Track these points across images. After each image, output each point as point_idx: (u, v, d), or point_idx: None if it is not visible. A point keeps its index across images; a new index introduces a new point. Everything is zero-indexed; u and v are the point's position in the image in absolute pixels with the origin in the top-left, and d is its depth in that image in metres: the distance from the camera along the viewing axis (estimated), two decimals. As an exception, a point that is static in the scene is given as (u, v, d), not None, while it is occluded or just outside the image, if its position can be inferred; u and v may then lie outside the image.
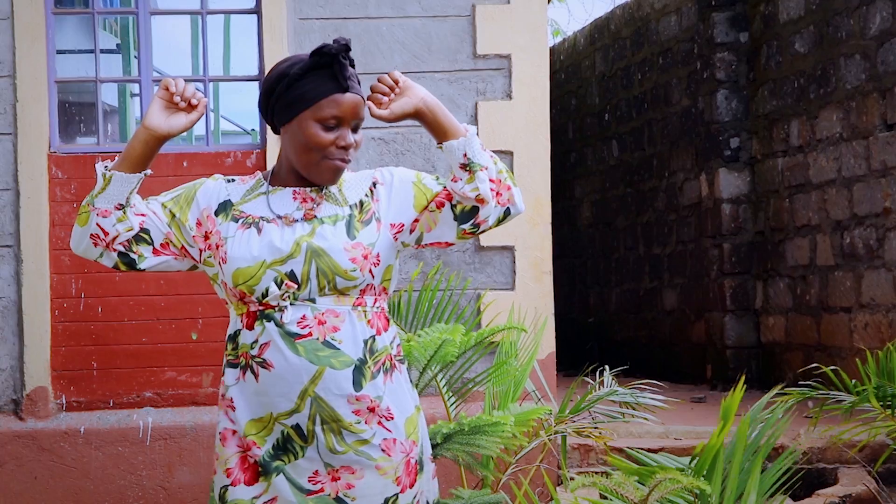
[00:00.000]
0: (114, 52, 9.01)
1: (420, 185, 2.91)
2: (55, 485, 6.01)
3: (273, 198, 2.88)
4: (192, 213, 2.90)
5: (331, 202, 2.88)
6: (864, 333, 7.99)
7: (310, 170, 2.85)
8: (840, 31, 8.28)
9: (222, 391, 2.87)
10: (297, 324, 2.78)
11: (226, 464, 2.84)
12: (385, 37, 6.23)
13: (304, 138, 2.82)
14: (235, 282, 2.80)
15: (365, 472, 2.79)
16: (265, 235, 2.83)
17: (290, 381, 2.78)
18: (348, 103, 2.83)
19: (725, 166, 9.45)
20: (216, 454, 2.87)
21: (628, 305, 11.64)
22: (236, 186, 2.92)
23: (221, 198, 2.90)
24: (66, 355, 6.10)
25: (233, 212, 2.88)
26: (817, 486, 6.10)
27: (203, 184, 2.94)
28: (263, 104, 2.90)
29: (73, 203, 6.11)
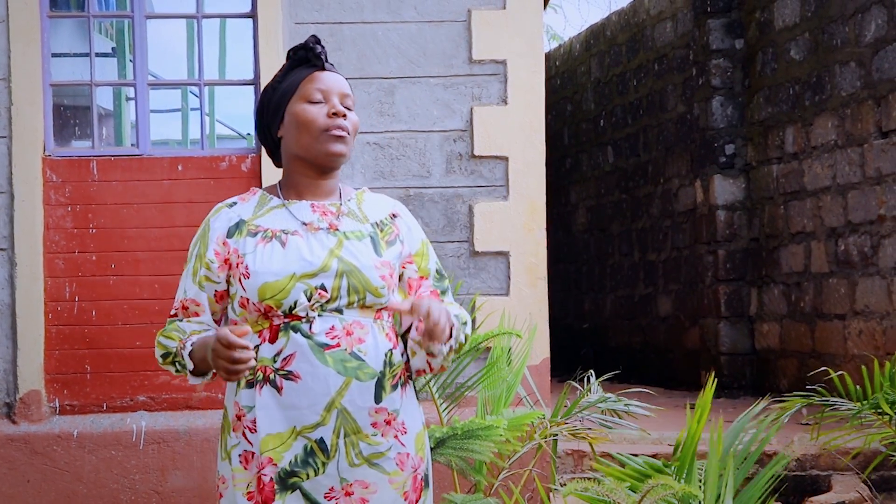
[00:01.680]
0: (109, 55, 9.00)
1: (424, 250, 2.96)
2: (48, 488, 6.00)
3: (293, 209, 2.86)
4: (210, 253, 2.84)
5: (351, 218, 2.89)
6: (858, 340, 8.00)
7: (315, 150, 2.83)
8: (835, 39, 8.29)
9: (236, 412, 2.78)
10: (327, 334, 2.75)
11: (247, 487, 2.75)
12: (381, 41, 6.23)
13: (297, 121, 2.84)
14: (262, 296, 2.74)
15: (378, 487, 2.78)
16: (291, 248, 2.79)
17: (317, 393, 2.73)
18: (327, 77, 2.87)
19: (720, 173, 9.46)
20: (224, 476, 2.80)
21: (623, 311, 11.64)
22: (241, 206, 2.89)
23: (232, 221, 2.86)
24: (59, 359, 6.09)
25: (248, 228, 2.84)
26: (811, 493, 6.10)
27: (209, 224, 2.88)
28: (259, 123, 2.93)
29: (67, 206, 6.11)
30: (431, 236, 6.24)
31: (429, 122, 6.26)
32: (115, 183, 6.16)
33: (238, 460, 2.76)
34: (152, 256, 6.15)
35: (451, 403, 4.90)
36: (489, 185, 6.28)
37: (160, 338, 2.85)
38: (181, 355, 2.78)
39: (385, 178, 6.24)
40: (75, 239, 6.12)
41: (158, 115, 9.11)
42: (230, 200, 2.90)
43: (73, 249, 6.12)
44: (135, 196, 6.16)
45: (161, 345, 2.85)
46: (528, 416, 4.47)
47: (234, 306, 2.81)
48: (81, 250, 6.12)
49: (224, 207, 2.89)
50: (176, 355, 2.81)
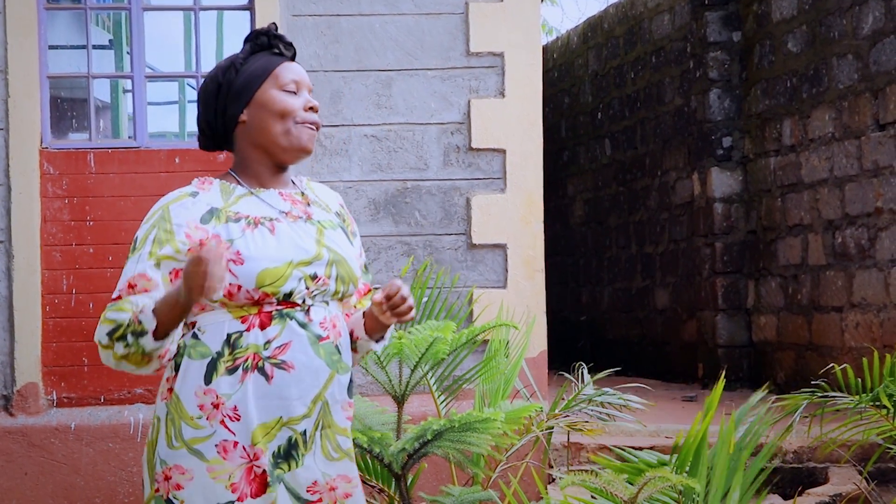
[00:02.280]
0: (106, 47, 8.98)
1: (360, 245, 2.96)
2: (45, 481, 6.00)
3: (263, 197, 2.79)
4: (177, 236, 2.72)
5: (319, 207, 2.86)
6: (855, 333, 8.00)
7: (286, 139, 2.77)
8: (833, 31, 8.29)
9: (211, 401, 2.66)
10: (321, 325, 2.72)
11: (230, 478, 2.64)
12: (378, 34, 6.23)
13: (273, 108, 2.77)
14: (261, 283, 2.66)
15: (357, 482, 2.78)
16: (282, 235, 2.73)
17: (308, 384, 2.68)
18: (299, 69, 2.84)
19: (718, 165, 9.46)
20: (185, 467, 2.65)
21: (620, 304, 11.65)
22: (205, 194, 2.77)
23: (202, 209, 2.75)
24: (56, 351, 6.09)
25: (225, 214, 2.74)
26: (808, 486, 6.11)
27: (168, 210, 2.75)
28: (212, 104, 2.80)
29: (64, 199, 6.10)
30: (429, 229, 6.25)
31: (426, 114, 6.25)
32: (112, 175, 6.15)
33: (215, 451, 2.65)
34: (149, 249, 6.14)
35: (448, 396, 4.91)
36: (486, 177, 6.28)
37: (107, 313, 2.67)
38: (136, 320, 2.62)
39: (382, 171, 6.24)
40: (72, 231, 6.11)
41: (156, 107, 9.10)
42: (188, 189, 2.78)
43: (70, 242, 6.11)
44: (132, 188, 6.16)
45: (109, 320, 2.66)
46: (526, 408, 4.47)
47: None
48: (78, 243, 6.12)
49: (185, 196, 2.76)
50: (129, 325, 2.62)
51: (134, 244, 2.74)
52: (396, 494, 4.37)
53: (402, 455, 4.16)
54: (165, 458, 2.66)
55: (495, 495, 4.38)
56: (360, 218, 6.20)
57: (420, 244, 6.23)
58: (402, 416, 4.36)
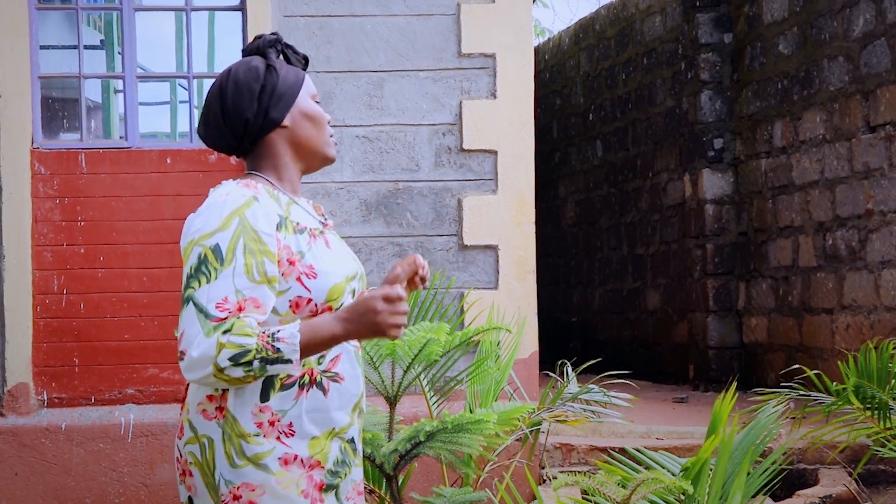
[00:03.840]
0: (97, 48, 8.96)
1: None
2: (36, 481, 5.98)
3: (303, 205, 2.74)
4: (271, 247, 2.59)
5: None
6: (845, 334, 8.02)
7: (322, 150, 2.76)
8: (823, 33, 8.30)
9: (268, 418, 2.61)
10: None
11: (298, 486, 2.61)
12: (370, 34, 6.22)
13: (315, 116, 2.75)
14: (329, 297, 2.62)
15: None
16: (335, 248, 2.71)
17: (352, 394, 2.69)
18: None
19: (709, 167, 9.47)
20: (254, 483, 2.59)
21: (611, 305, 11.65)
22: (265, 199, 2.65)
23: (271, 214, 2.62)
24: (47, 351, 6.08)
25: (289, 223, 2.65)
26: (798, 487, 6.12)
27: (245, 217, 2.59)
28: (254, 105, 2.70)
29: (55, 199, 6.09)
30: (420, 230, 6.25)
31: (418, 115, 6.25)
32: (103, 175, 6.14)
33: (278, 464, 2.61)
34: (141, 249, 6.14)
35: (440, 397, 4.91)
36: (478, 178, 6.28)
37: (231, 337, 2.49)
38: (269, 347, 2.49)
39: (374, 172, 6.23)
40: (64, 231, 6.10)
41: (147, 107, 9.08)
42: (246, 192, 2.62)
43: (61, 242, 6.10)
44: (123, 189, 6.15)
45: (234, 344, 2.49)
46: (518, 409, 4.48)
47: (278, 307, 2.62)
48: (70, 243, 6.11)
49: (252, 201, 2.60)
50: (259, 351, 2.49)
51: (217, 254, 2.55)
52: (387, 495, 4.37)
53: (394, 456, 4.16)
54: (231, 478, 2.61)
55: (488, 496, 4.38)
56: (351, 219, 6.20)
57: (412, 245, 6.23)
58: (394, 417, 4.35)
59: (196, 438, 2.64)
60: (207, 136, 2.76)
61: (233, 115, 2.70)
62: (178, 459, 2.69)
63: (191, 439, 2.65)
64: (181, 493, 2.70)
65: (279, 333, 2.51)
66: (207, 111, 2.74)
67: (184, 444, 2.66)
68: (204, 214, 2.60)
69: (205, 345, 2.49)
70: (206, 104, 2.76)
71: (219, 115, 2.71)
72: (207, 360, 2.49)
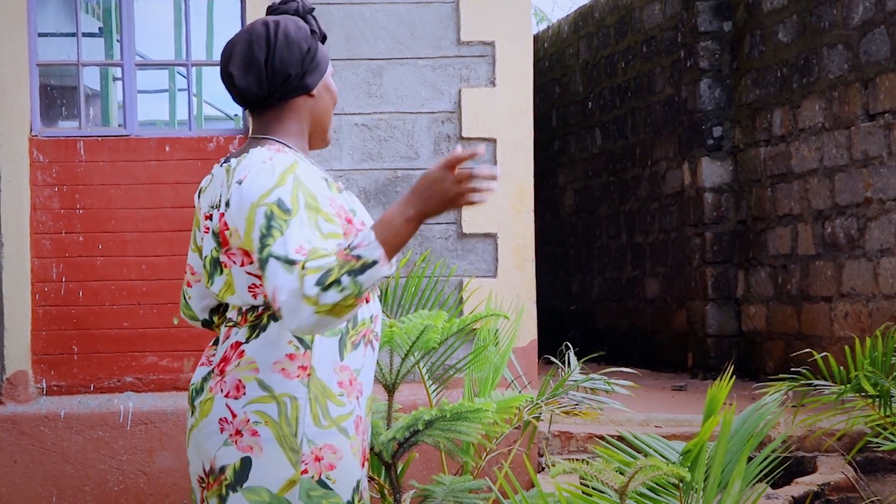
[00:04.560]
0: (96, 35, 8.95)
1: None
2: (35, 469, 5.99)
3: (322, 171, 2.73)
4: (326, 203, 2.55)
5: None
6: (844, 323, 8.03)
7: (329, 130, 2.77)
8: (823, 21, 8.29)
9: (348, 377, 2.59)
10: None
11: (358, 454, 2.61)
12: (369, 22, 6.22)
13: (333, 94, 2.75)
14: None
15: None
16: (360, 210, 2.72)
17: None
18: None
19: (708, 155, 9.47)
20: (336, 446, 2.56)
21: (610, 293, 11.66)
22: (304, 161, 2.63)
23: (316, 176, 2.61)
24: (46, 339, 6.08)
25: (332, 184, 2.66)
26: (796, 475, 6.13)
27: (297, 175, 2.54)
28: (298, 64, 2.64)
29: (54, 187, 6.09)
30: (419, 218, 6.25)
31: (417, 103, 6.25)
32: (102, 163, 6.14)
33: (353, 427, 2.60)
34: (139, 237, 6.14)
35: (439, 385, 4.91)
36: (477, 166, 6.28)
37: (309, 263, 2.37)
38: (351, 258, 2.38)
39: (373, 160, 6.23)
40: (62, 219, 6.10)
41: (146, 95, 9.07)
42: (290, 155, 2.59)
43: (60, 230, 6.10)
44: (122, 177, 6.15)
45: (314, 268, 2.37)
46: (517, 398, 4.48)
47: None
48: (68, 231, 6.11)
49: (296, 163, 2.56)
50: (342, 266, 2.37)
51: (283, 207, 2.47)
52: (386, 483, 4.37)
53: (393, 444, 4.17)
54: (314, 437, 2.55)
55: (488, 484, 4.39)
56: (350, 207, 6.20)
57: (410, 233, 6.22)
58: (392, 405, 4.36)
59: (272, 397, 2.55)
60: (241, 80, 2.64)
61: (277, 67, 2.63)
62: (224, 420, 2.56)
63: (262, 398, 2.55)
64: (222, 455, 2.57)
65: (353, 241, 2.41)
66: (249, 55, 2.63)
67: (244, 403, 2.56)
68: (254, 178, 2.53)
69: (289, 283, 2.38)
70: (245, 49, 2.64)
71: (262, 62, 2.63)
72: (296, 296, 2.37)
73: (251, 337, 2.60)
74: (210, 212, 2.68)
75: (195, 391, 2.67)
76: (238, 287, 2.61)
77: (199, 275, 2.81)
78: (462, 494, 4.29)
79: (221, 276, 2.65)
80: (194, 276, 2.83)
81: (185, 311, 2.90)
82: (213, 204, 2.67)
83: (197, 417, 2.64)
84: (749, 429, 3.40)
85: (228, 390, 2.58)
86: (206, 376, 2.66)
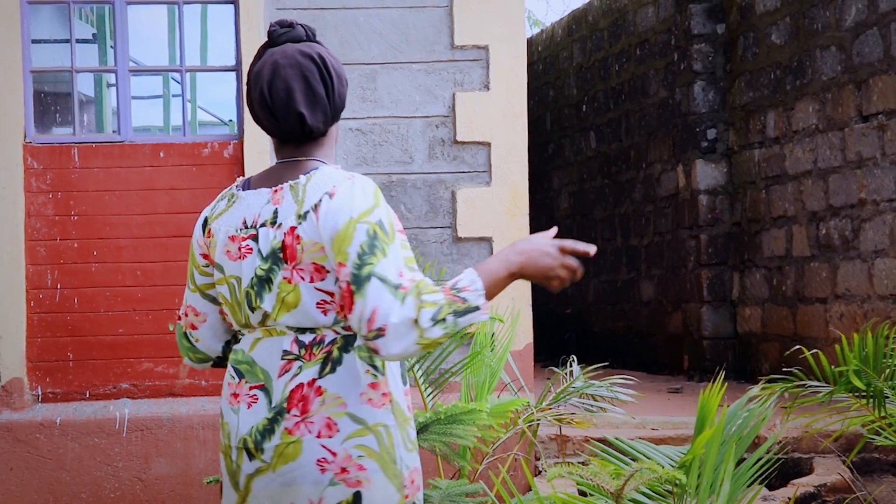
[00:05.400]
0: (90, 41, 8.96)
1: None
2: (31, 476, 5.98)
3: None
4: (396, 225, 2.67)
5: None
6: (839, 324, 8.03)
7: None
8: (816, 23, 8.31)
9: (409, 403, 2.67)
10: None
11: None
12: (362, 27, 6.22)
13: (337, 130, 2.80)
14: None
15: None
16: None
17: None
18: None
19: (702, 157, 9.48)
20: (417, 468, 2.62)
21: (606, 296, 11.66)
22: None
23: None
24: (42, 346, 6.08)
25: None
26: (793, 476, 6.14)
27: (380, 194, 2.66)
28: (337, 94, 2.69)
29: (48, 193, 6.09)
30: (414, 222, 6.25)
31: (411, 107, 6.25)
32: (96, 170, 6.14)
33: (417, 452, 2.67)
34: (134, 244, 6.13)
35: (435, 389, 4.91)
36: (472, 170, 6.28)
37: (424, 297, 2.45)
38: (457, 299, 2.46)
39: (367, 165, 6.23)
40: (57, 226, 6.10)
41: (140, 101, 9.08)
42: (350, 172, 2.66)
43: (54, 237, 6.10)
44: (116, 183, 6.14)
45: (430, 302, 2.44)
46: (513, 402, 4.48)
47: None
48: (63, 237, 6.10)
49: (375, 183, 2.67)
50: (449, 305, 2.45)
51: (383, 229, 2.52)
52: (383, 488, 4.37)
53: (389, 448, 4.16)
54: (408, 462, 2.60)
55: (484, 488, 4.39)
56: (345, 211, 6.20)
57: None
58: (388, 410, 4.35)
59: (369, 429, 2.54)
60: (312, 119, 2.65)
61: (337, 102, 2.69)
62: (323, 461, 2.52)
63: (359, 431, 2.54)
64: (331, 495, 2.52)
65: (459, 283, 2.48)
66: (310, 93, 2.64)
67: (342, 440, 2.53)
68: (348, 193, 2.55)
69: (404, 310, 2.42)
70: (304, 87, 2.64)
71: (324, 98, 2.65)
72: (409, 324, 2.42)
73: (326, 372, 2.56)
74: (249, 232, 2.62)
75: (258, 434, 2.57)
76: (305, 304, 2.56)
77: (205, 314, 2.73)
78: (458, 498, 4.29)
79: (271, 293, 2.58)
80: (199, 317, 2.75)
81: (190, 355, 2.82)
82: (261, 222, 2.61)
83: (272, 462, 2.55)
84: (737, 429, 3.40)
85: (319, 430, 2.53)
86: (274, 418, 2.56)
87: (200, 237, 2.71)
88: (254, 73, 2.67)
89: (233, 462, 2.60)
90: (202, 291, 2.73)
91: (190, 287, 2.74)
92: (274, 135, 2.69)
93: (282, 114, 2.63)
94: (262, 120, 2.68)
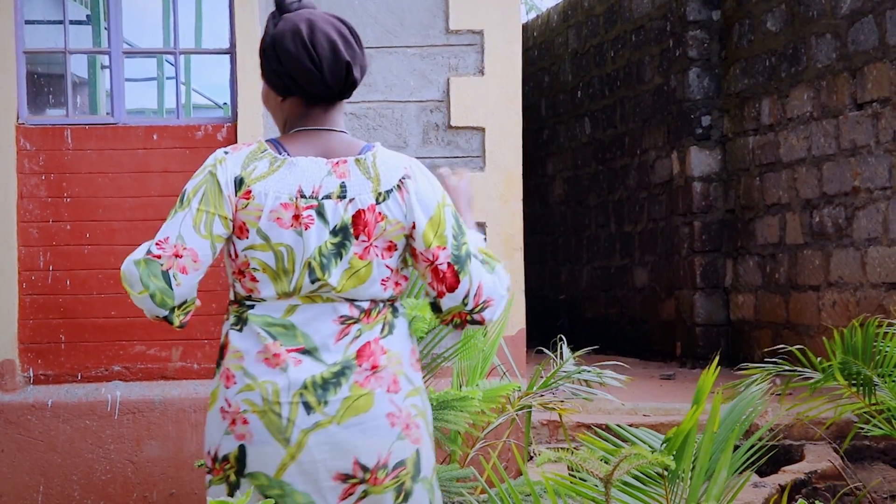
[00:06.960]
0: (84, 23, 8.92)
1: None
2: (22, 458, 5.98)
3: None
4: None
5: None
6: (832, 312, 8.05)
7: None
8: (811, 10, 8.30)
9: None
10: None
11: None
12: (357, 11, 6.20)
13: None
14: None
15: None
16: None
17: None
18: None
19: (697, 144, 9.48)
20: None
21: (599, 283, 11.67)
22: None
23: None
24: (33, 328, 6.07)
25: None
26: (784, 463, 6.15)
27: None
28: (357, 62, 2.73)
29: (41, 175, 6.07)
30: (408, 207, 6.25)
31: (405, 92, 6.24)
32: (89, 152, 6.12)
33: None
34: (127, 226, 6.12)
35: (427, 374, 4.91)
36: (466, 155, 6.27)
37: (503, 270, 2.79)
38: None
39: (361, 149, 6.22)
40: (49, 208, 6.09)
41: (134, 83, 9.05)
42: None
43: (47, 218, 6.08)
44: (110, 165, 6.13)
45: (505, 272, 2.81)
46: (504, 387, 4.48)
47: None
48: (56, 219, 6.09)
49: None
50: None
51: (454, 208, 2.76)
52: (374, 472, 4.37)
53: (380, 432, 4.16)
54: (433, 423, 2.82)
55: (474, 472, 4.39)
56: (338, 195, 6.19)
57: (399, 222, 6.22)
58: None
59: (416, 390, 2.67)
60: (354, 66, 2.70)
61: (364, 63, 2.76)
62: (392, 415, 2.60)
63: (412, 391, 2.66)
64: (399, 449, 2.60)
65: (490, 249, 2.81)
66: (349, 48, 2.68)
67: (404, 397, 2.63)
68: (426, 177, 2.72)
69: (503, 280, 2.73)
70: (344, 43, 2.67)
71: (358, 52, 2.72)
72: (505, 292, 2.74)
73: (386, 333, 2.65)
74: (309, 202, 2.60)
75: (319, 388, 2.57)
76: (373, 279, 2.63)
77: (203, 263, 2.61)
78: (448, 483, 4.29)
79: (339, 268, 2.60)
80: (196, 264, 2.60)
81: (160, 296, 2.60)
82: (324, 194, 2.61)
83: (338, 414, 2.56)
84: (735, 417, 3.41)
85: (388, 385, 2.61)
86: (341, 372, 2.58)
87: (232, 194, 2.61)
88: (278, 36, 2.65)
89: (282, 419, 2.56)
90: (214, 241, 2.62)
91: (201, 233, 2.60)
92: (312, 91, 2.67)
93: (329, 63, 2.64)
94: (298, 78, 2.65)
